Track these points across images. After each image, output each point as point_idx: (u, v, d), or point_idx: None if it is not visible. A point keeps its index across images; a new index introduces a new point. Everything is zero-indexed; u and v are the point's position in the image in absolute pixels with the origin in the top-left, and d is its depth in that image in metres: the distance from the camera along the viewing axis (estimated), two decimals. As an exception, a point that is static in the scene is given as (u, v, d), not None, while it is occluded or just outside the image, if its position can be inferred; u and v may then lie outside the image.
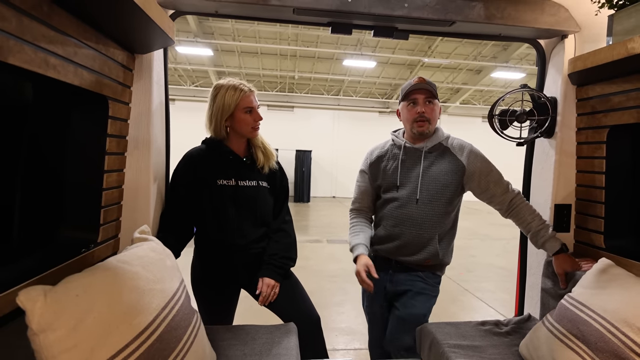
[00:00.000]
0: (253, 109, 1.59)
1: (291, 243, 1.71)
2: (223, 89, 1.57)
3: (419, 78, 1.69)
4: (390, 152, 1.79)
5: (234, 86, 1.57)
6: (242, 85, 1.59)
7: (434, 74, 12.73)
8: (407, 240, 1.68)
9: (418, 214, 1.66)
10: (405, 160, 1.73)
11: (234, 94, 1.55)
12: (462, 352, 1.48)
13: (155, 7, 1.15)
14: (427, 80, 1.68)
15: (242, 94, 1.56)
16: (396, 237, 1.70)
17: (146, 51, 1.42)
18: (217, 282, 1.65)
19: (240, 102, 1.56)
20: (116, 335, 0.80)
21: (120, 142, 1.38)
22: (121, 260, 0.94)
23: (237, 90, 1.56)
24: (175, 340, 0.97)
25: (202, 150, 1.63)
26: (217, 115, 1.57)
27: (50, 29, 0.91)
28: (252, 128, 1.60)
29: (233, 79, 1.61)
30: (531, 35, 1.72)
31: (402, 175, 1.72)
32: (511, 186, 1.71)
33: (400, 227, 1.69)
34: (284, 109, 15.22)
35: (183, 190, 1.58)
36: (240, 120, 1.58)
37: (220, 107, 1.56)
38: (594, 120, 1.64)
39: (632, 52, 1.22)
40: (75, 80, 1.01)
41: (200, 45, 10.01)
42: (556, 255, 1.61)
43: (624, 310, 1.17)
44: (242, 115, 1.57)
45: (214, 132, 1.61)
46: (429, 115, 1.66)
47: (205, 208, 1.57)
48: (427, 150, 1.71)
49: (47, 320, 0.70)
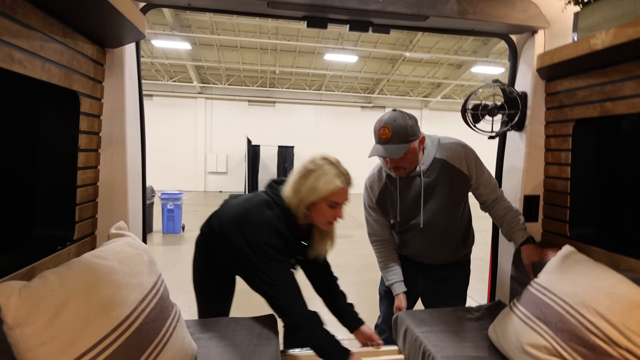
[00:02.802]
0: (338, 206, 1.42)
1: None
2: (321, 171, 1.39)
3: (383, 129, 1.53)
4: (390, 185, 1.74)
5: (335, 174, 1.39)
6: (342, 177, 1.40)
7: (416, 69, 12.87)
8: (434, 253, 1.81)
9: (434, 234, 1.72)
10: (406, 191, 1.70)
11: (327, 181, 1.37)
12: (434, 336, 1.54)
13: (127, 4, 1.14)
14: (392, 130, 1.51)
15: (337, 188, 1.38)
16: (424, 254, 1.82)
17: (117, 45, 1.41)
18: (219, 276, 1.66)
19: (330, 195, 1.38)
20: (94, 328, 0.82)
21: (93, 139, 1.36)
22: (97, 255, 0.95)
23: (335, 180, 1.38)
24: (154, 332, 0.98)
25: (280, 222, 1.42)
26: (303, 196, 1.39)
27: (14, 22, 0.89)
28: (328, 222, 1.45)
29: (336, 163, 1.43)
30: (503, 30, 1.78)
31: (409, 206, 1.71)
32: (497, 186, 1.76)
33: (425, 246, 1.78)
34: (266, 105, 15.13)
35: None
36: (319, 212, 1.42)
37: (308, 190, 1.38)
38: (562, 114, 1.71)
39: (594, 49, 1.28)
40: (43, 75, 1.00)
41: (178, 38, 9.84)
42: (523, 246, 1.67)
43: (582, 293, 1.25)
44: (325, 207, 1.40)
45: (294, 208, 1.42)
46: (403, 164, 1.59)
47: None
48: (425, 176, 1.66)
49: (23, 315, 0.71)
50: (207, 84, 14.38)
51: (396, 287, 1.82)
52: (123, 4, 1.12)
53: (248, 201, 1.51)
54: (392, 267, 1.85)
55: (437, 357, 1.41)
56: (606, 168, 1.69)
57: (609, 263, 1.48)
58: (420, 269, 1.86)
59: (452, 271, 1.85)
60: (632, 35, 1.11)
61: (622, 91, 1.38)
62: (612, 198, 1.71)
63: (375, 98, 15.32)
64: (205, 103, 14.80)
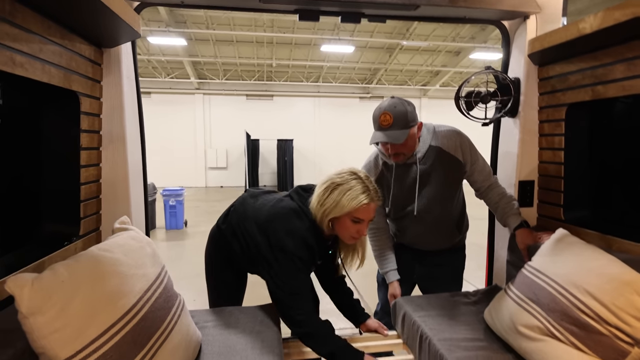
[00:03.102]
0: (362, 223, 1.40)
1: None
2: (347, 186, 1.37)
3: (384, 115, 1.56)
4: (386, 172, 1.77)
5: (361, 190, 1.36)
6: (368, 193, 1.37)
7: (413, 57, 12.79)
8: (429, 240, 1.85)
9: (429, 221, 1.76)
10: (401, 179, 1.73)
11: (351, 197, 1.35)
12: (431, 320, 1.58)
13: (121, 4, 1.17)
14: (394, 117, 1.54)
15: (361, 205, 1.35)
16: (419, 240, 1.87)
17: (113, 45, 1.43)
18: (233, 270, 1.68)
19: (354, 211, 1.36)
20: (102, 316, 0.86)
21: (94, 137, 1.40)
22: (102, 248, 0.99)
23: (360, 196, 1.35)
24: (160, 320, 1.03)
25: (309, 233, 1.42)
26: (326, 210, 1.38)
27: (14, 26, 0.92)
28: (352, 237, 1.43)
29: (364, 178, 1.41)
30: (495, 17, 1.79)
31: (405, 193, 1.74)
32: (492, 173, 1.79)
33: (420, 233, 1.82)
34: (264, 98, 15.10)
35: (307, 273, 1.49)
36: (343, 227, 1.40)
37: (332, 204, 1.36)
38: (554, 98, 1.73)
39: (583, 32, 1.30)
40: (43, 77, 1.03)
41: (173, 34, 9.79)
42: (517, 231, 1.70)
43: (573, 274, 1.28)
44: (349, 223, 1.39)
45: (319, 220, 1.41)
46: (402, 150, 1.62)
47: None
48: (421, 163, 1.69)
49: (36, 304, 0.76)
50: (205, 79, 14.34)
51: (390, 275, 1.86)
52: (117, 4, 1.15)
53: (274, 207, 1.48)
54: (386, 256, 1.88)
55: (434, 340, 1.46)
56: (599, 151, 1.72)
57: (602, 245, 1.52)
58: (416, 255, 1.90)
59: (447, 257, 1.89)
60: (619, 18, 1.13)
61: (612, 74, 1.40)
62: (605, 181, 1.73)
63: (373, 88, 15.27)
64: (203, 99, 14.77)
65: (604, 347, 1.16)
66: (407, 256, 1.90)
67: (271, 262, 1.39)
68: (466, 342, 1.45)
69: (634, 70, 1.29)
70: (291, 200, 1.49)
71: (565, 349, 1.21)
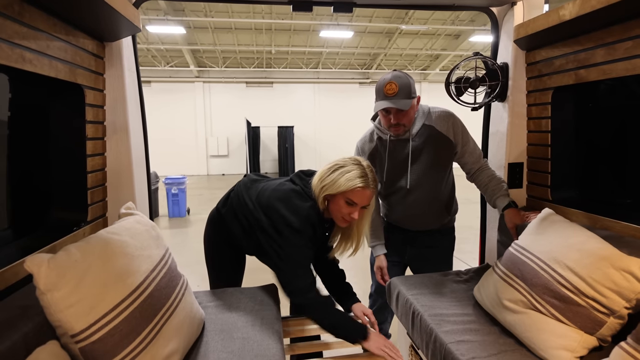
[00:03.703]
0: (355, 206, 1.45)
1: None
2: (345, 169, 1.45)
3: (389, 84, 1.62)
4: (380, 147, 1.83)
5: (359, 174, 1.43)
6: (365, 179, 1.43)
7: (413, 41, 12.69)
8: (419, 218, 1.89)
9: (420, 198, 1.81)
10: (395, 153, 1.80)
11: (348, 179, 1.42)
12: (423, 298, 1.66)
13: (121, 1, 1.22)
14: (399, 86, 1.61)
15: (356, 187, 1.41)
16: (409, 219, 1.91)
17: (114, 39, 1.49)
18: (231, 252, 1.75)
19: (348, 191, 1.42)
20: (112, 293, 0.94)
21: (98, 128, 1.47)
22: (110, 231, 1.07)
23: (356, 179, 1.42)
24: (165, 297, 1.11)
25: (312, 212, 1.47)
26: (325, 185, 1.45)
27: (23, 25, 0.99)
28: (343, 219, 1.49)
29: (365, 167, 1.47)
30: (483, 3, 1.83)
31: (397, 168, 1.80)
32: (482, 156, 1.85)
33: (407, 212, 1.87)
34: (263, 86, 15.05)
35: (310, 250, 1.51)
36: (336, 205, 1.47)
37: (330, 182, 1.44)
38: (541, 82, 1.78)
39: (563, 19, 1.35)
40: (50, 72, 1.10)
41: (172, 23, 9.74)
42: (505, 211, 1.77)
43: (555, 250, 1.35)
44: (342, 202, 1.45)
45: (315, 195, 1.48)
46: (403, 121, 1.68)
47: None
48: (414, 138, 1.75)
49: (52, 281, 0.84)
50: (204, 67, 14.29)
51: (377, 248, 1.95)
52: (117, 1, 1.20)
53: (277, 189, 1.53)
54: (375, 231, 1.95)
55: (425, 316, 1.54)
56: (584, 133, 1.77)
57: (586, 223, 1.59)
58: (407, 237, 1.96)
59: (437, 238, 1.96)
60: (595, 6, 1.18)
61: (593, 58, 1.45)
62: (589, 162, 1.79)
63: (373, 73, 15.17)
64: (203, 87, 14.75)
65: (582, 318, 1.23)
66: (397, 238, 1.97)
67: (275, 237, 1.44)
68: (455, 317, 1.52)
69: (614, 54, 1.34)
70: (293, 184, 1.56)
71: (546, 320, 1.29)
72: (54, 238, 1.20)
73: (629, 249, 1.27)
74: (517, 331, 1.35)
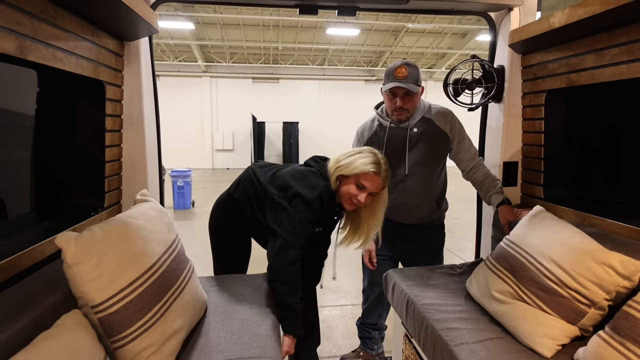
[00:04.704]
0: (365, 190, 1.53)
1: None
2: (364, 154, 1.55)
3: (399, 68, 1.72)
4: (379, 132, 1.91)
5: (373, 161, 1.53)
6: (379, 167, 1.53)
7: (419, 40, 12.70)
8: (408, 207, 1.93)
9: (413, 186, 1.88)
10: (392, 141, 1.88)
11: (363, 163, 1.52)
12: (417, 289, 1.74)
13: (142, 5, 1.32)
14: (409, 70, 1.71)
15: (369, 171, 1.51)
16: (400, 208, 1.93)
17: (133, 39, 1.59)
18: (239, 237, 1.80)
19: (361, 174, 1.52)
20: (129, 270, 1.04)
21: (116, 121, 1.57)
22: (128, 215, 1.17)
23: (370, 165, 1.52)
24: (174, 278, 1.21)
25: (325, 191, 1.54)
26: (340, 165, 1.55)
27: (56, 28, 1.09)
28: (349, 203, 1.57)
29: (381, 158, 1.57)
30: (482, 8, 1.90)
31: (393, 154, 1.86)
32: (477, 154, 1.92)
33: (400, 199, 1.91)
34: (270, 81, 15.13)
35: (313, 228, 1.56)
36: (347, 186, 1.55)
37: (347, 163, 1.54)
38: (535, 85, 1.85)
39: (553, 27, 1.43)
40: (77, 69, 1.20)
41: (181, 18, 9.85)
42: (499, 207, 1.85)
43: (542, 245, 1.43)
44: (352, 184, 1.53)
45: (330, 173, 1.57)
46: (408, 106, 1.78)
47: None
48: (412, 128, 1.84)
49: (78, 257, 0.93)
50: (212, 62, 14.40)
51: None
52: (139, 6, 1.30)
53: (294, 170, 1.62)
54: None
55: (418, 305, 1.61)
56: (576, 135, 1.85)
57: (575, 220, 1.66)
58: (398, 230, 2.01)
59: (427, 233, 2.01)
60: (581, 15, 1.26)
61: (583, 63, 1.52)
62: (581, 163, 1.87)
63: (378, 71, 15.20)
64: (210, 81, 14.86)
65: (564, 308, 1.30)
66: (388, 231, 1.99)
67: (283, 205, 1.50)
68: (447, 306, 1.59)
69: (602, 60, 1.41)
70: (308, 166, 1.65)
71: (532, 310, 1.36)
72: (74, 222, 1.30)
73: (612, 244, 1.34)
74: (504, 320, 1.42)
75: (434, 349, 1.41)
